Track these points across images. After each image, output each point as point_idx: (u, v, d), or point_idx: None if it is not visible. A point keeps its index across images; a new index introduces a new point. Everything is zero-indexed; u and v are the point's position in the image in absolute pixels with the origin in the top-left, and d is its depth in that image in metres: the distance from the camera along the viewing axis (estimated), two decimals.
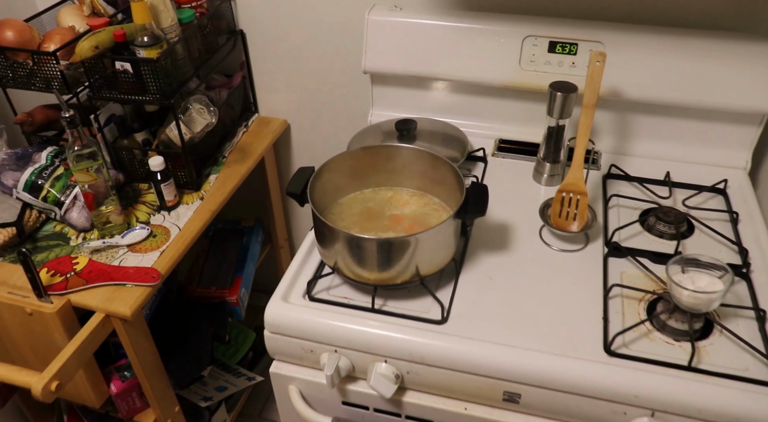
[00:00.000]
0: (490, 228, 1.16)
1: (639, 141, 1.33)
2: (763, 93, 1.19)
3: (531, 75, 1.29)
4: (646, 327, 0.96)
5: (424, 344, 0.95)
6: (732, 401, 0.85)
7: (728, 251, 1.10)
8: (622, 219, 1.17)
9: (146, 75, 1.27)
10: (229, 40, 1.57)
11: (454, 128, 1.36)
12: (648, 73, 1.23)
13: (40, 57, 1.29)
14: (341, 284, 1.06)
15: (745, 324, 0.96)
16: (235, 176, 1.51)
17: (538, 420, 0.96)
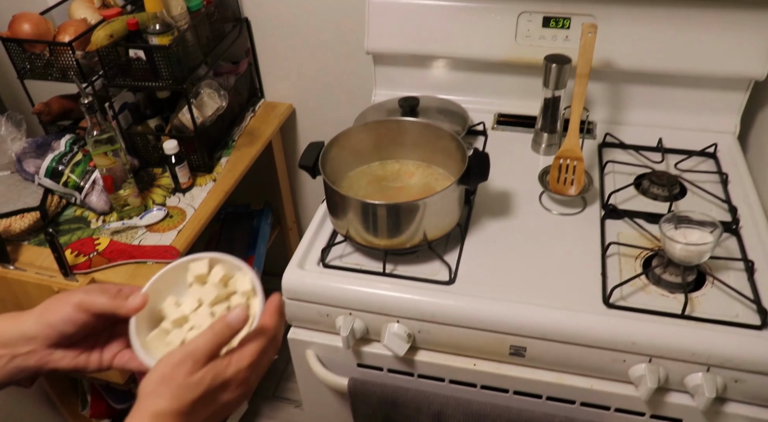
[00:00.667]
0: (492, 196, 1.21)
1: (632, 110, 1.39)
2: (749, 59, 1.25)
3: (527, 49, 1.35)
4: (642, 281, 1.02)
5: (434, 303, 1.01)
6: (723, 344, 0.91)
7: (719, 210, 1.15)
8: (617, 183, 1.22)
9: (159, 61, 1.32)
10: (235, 27, 1.63)
11: (455, 104, 1.41)
12: (638, 43, 1.29)
13: (56, 48, 1.35)
14: (353, 252, 1.12)
15: (735, 275, 1.02)
16: (245, 158, 1.56)
17: (544, 372, 1.02)
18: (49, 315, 0.64)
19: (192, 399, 0.57)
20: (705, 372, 0.93)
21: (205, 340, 0.59)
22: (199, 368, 0.58)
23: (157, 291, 0.68)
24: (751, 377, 0.91)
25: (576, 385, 1.00)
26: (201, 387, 0.57)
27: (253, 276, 0.66)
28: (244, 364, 0.60)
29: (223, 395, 0.59)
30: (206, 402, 0.58)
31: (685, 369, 0.94)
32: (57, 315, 0.63)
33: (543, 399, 1.03)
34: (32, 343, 0.63)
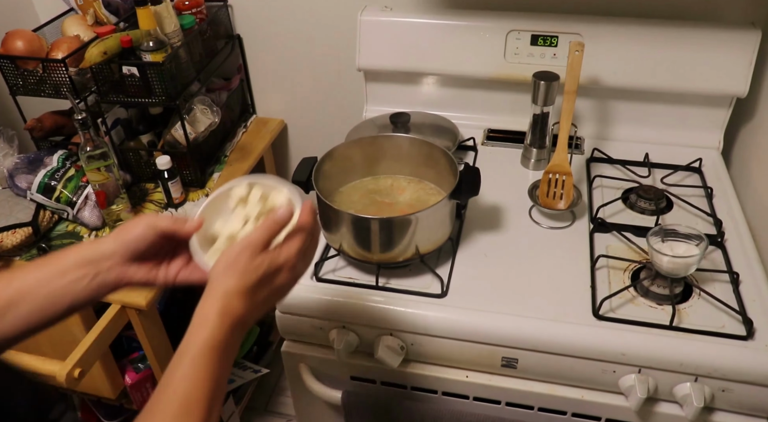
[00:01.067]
0: (482, 210, 1.23)
1: (619, 126, 1.42)
2: (731, 77, 1.28)
3: (515, 67, 1.38)
4: (631, 293, 1.04)
5: (426, 316, 1.02)
6: (710, 354, 0.93)
7: (704, 223, 1.18)
8: (605, 197, 1.24)
9: (152, 78, 1.34)
10: (227, 44, 1.65)
11: (445, 120, 1.44)
12: (624, 61, 1.32)
13: (49, 64, 1.36)
14: (346, 265, 1.13)
15: (721, 286, 1.04)
16: (237, 174, 1.58)
17: (535, 384, 1.03)
18: (124, 234, 0.74)
19: (254, 279, 0.68)
20: (693, 382, 0.94)
21: (258, 234, 0.70)
22: (257, 255, 0.69)
23: (207, 218, 0.77)
24: (738, 386, 0.93)
25: (567, 396, 1.01)
26: (260, 269, 0.68)
27: (288, 190, 0.76)
28: (293, 251, 0.71)
29: (277, 278, 0.70)
30: (264, 284, 0.69)
31: (674, 380, 0.95)
32: (131, 234, 0.74)
33: (535, 410, 1.05)
34: (111, 260, 0.73)
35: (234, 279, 0.67)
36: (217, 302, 0.66)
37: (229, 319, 0.65)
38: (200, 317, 0.65)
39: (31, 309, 0.69)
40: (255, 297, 0.68)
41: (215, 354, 0.63)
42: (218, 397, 0.63)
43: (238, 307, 0.66)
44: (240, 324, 0.67)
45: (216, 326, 0.64)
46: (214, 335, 0.64)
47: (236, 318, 0.66)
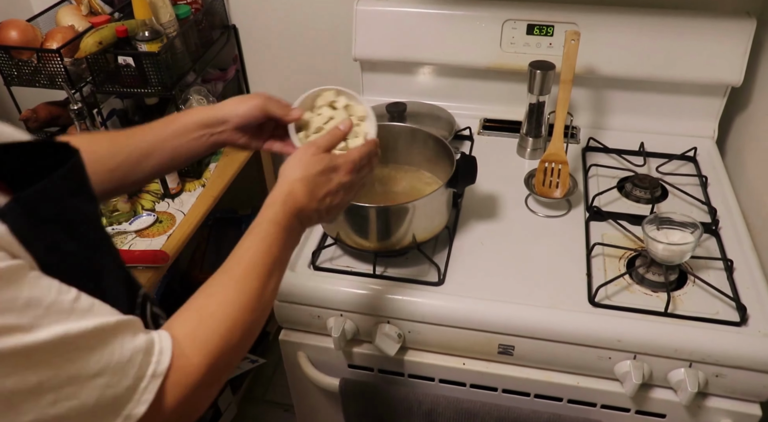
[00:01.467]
0: (479, 199, 1.24)
1: (614, 115, 1.42)
2: (726, 66, 1.29)
3: (511, 56, 1.38)
4: (626, 281, 1.05)
5: (424, 304, 1.03)
6: (704, 340, 0.94)
7: (699, 211, 1.19)
8: (601, 186, 1.25)
9: (148, 68, 1.33)
10: (223, 34, 1.64)
11: (442, 109, 1.44)
12: (620, 50, 1.32)
13: (44, 54, 1.35)
14: (343, 254, 1.14)
15: (715, 274, 1.05)
16: (234, 164, 1.58)
17: (531, 370, 1.04)
18: (238, 108, 0.86)
19: (314, 172, 0.78)
20: (687, 368, 0.95)
21: (323, 137, 0.83)
22: (320, 152, 0.80)
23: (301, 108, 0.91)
24: (732, 372, 0.94)
25: (563, 383, 1.02)
26: (321, 163, 0.79)
27: (367, 107, 0.92)
28: (350, 158, 0.81)
29: (334, 177, 0.79)
30: (323, 178, 0.78)
31: (669, 366, 0.96)
32: (245, 108, 0.86)
33: (531, 396, 1.06)
34: (224, 126, 0.86)
35: (299, 170, 0.77)
36: (284, 188, 0.76)
37: (292, 202, 0.75)
38: (269, 200, 0.75)
39: (160, 160, 0.85)
40: (315, 190, 0.77)
41: (278, 230, 0.72)
42: (277, 270, 0.72)
43: (300, 194, 0.76)
44: (300, 211, 0.76)
45: (279, 207, 0.74)
46: (277, 214, 0.73)
47: (298, 203, 0.76)
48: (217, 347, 0.61)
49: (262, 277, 0.69)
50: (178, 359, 0.57)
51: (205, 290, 0.66)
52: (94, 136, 0.89)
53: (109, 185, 0.83)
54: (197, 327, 0.62)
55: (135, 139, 0.85)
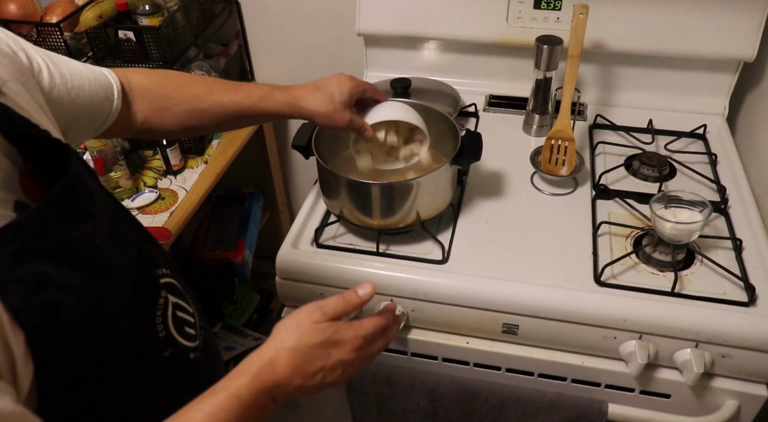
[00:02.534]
0: (484, 177, 1.22)
1: (622, 91, 1.40)
2: (738, 40, 1.26)
3: (518, 31, 1.35)
4: (633, 260, 1.03)
5: (428, 282, 1.01)
6: (711, 320, 0.93)
7: (708, 190, 1.17)
8: (608, 164, 1.23)
9: (148, 42, 1.32)
10: (225, 8, 1.62)
11: (447, 85, 1.42)
12: (628, 24, 1.29)
13: (44, 29, 1.33)
14: (346, 232, 1.12)
15: (724, 253, 1.04)
16: (236, 141, 1.56)
17: (536, 350, 1.04)
18: (325, 117, 0.93)
19: (312, 342, 0.65)
20: (693, 348, 0.94)
21: (335, 301, 0.70)
22: (324, 320, 0.67)
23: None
24: (738, 352, 0.93)
25: (567, 362, 1.02)
26: (322, 334, 0.66)
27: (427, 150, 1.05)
28: (361, 333, 0.68)
29: (335, 352, 0.66)
30: (322, 350, 0.65)
31: (674, 346, 0.95)
32: (329, 120, 0.94)
33: (535, 376, 1.05)
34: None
35: (292, 336, 0.65)
36: (266, 354, 0.63)
37: (268, 376, 0.61)
38: (242, 365, 0.62)
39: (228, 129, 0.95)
40: (305, 365, 0.64)
41: (237, 405, 0.58)
42: None
43: (283, 367, 0.62)
44: (275, 387, 0.62)
45: (249, 379, 0.60)
46: (241, 387, 0.59)
47: (276, 377, 0.62)
48: None
49: None
50: None
51: None
52: (174, 82, 0.88)
53: (174, 131, 0.88)
54: None
55: (215, 107, 0.88)
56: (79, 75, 0.73)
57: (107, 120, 0.78)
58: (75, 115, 0.72)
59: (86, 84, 0.73)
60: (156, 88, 0.84)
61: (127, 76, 0.82)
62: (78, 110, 0.73)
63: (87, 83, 0.73)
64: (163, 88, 0.85)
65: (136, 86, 0.83)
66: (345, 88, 0.94)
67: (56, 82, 0.69)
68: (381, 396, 1.12)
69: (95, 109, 0.76)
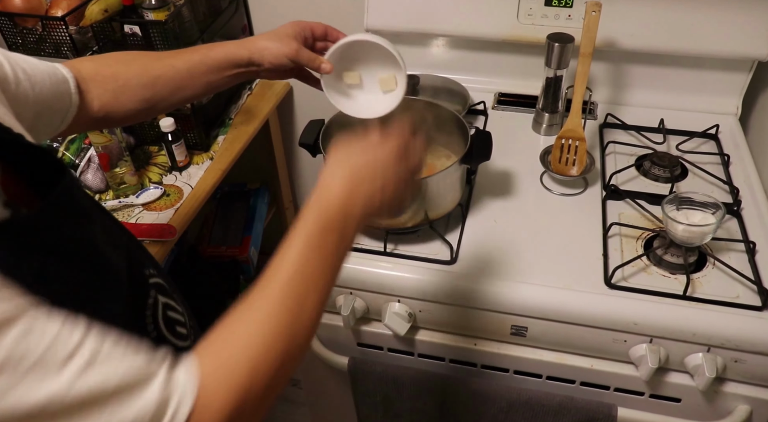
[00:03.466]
0: (493, 176, 1.21)
1: (634, 90, 1.38)
2: (752, 39, 1.24)
3: (528, 28, 1.34)
4: (644, 262, 1.02)
5: (435, 283, 1.00)
6: (724, 324, 0.92)
7: (720, 191, 1.15)
8: (618, 164, 1.22)
9: (154, 37, 1.30)
10: (231, 3, 1.60)
11: (455, 83, 1.40)
12: (641, 22, 1.27)
13: (49, 22, 1.32)
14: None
15: (736, 256, 1.02)
16: (242, 137, 1.55)
17: (544, 352, 1.02)
18: (271, 53, 0.89)
19: (356, 164, 0.67)
20: (705, 353, 0.93)
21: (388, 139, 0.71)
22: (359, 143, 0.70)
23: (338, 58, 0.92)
24: (751, 357, 0.92)
25: (576, 365, 1.00)
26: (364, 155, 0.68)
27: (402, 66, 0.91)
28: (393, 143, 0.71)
29: (380, 166, 0.68)
30: (367, 169, 0.67)
31: (686, 350, 0.94)
32: (275, 56, 0.89)
33: (543, 378, 1.04)
34: (257, 67, 0.90)
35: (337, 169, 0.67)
36: (317, 194, 0.65)
37: (326, 201, 0.64)
38: (304, 213, 0.63)
39: (192, 93, 0.88)
40: (356, 186, 0.65)
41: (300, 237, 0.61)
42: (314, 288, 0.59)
43: (337, 197, 0.64)
44: (341, 219, 0.63)
45: (312, 211, 0.63)
46: (307, 221, 0.62)
47: (335, 209, 0.63)
48: (242, 386, 0.52)
49: (295, 298, 0.58)
50: (199, 407, 0.49)
51: (236, 315, 0.57)
52: (121, 59, 0.86)
53: (134, 110, 0.83)
54: (221, 363, 0.53)
55: (167, 70, 0.84)
56: (39, 69, 0.71)
57: (68, 115, 0.76)
58: (39, 111, 0.71)
59: (46, 79, 0.71)
60: (105, 69, 0.82)
61: (76, 66, 0.79)
62: (42, 106, 0.71)
63: (47, 78, 0.71)
64: (112, 67, 0.83)
65: (86, 73, 0.80)
66: (288, 25, 0.93)
67: (20, 78, 0.67)
68: (387, 396, 1.11)
69: (56, 104, 0.74)
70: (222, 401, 0.50)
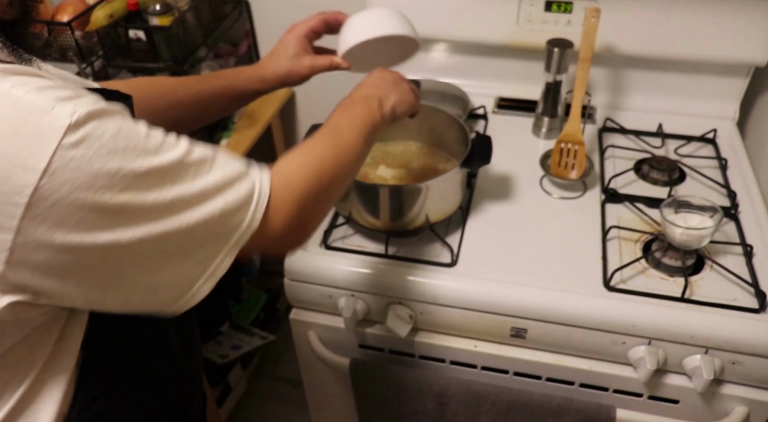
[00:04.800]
0: (493, 179, 1.22)
1: (632, 95, 1.39)
2: (750, 45, 1.25)
3: (528, 34, 1.35)
4: (642, 265, 1.03)
5: (436, 285, 1.01)
6: (721, 326, 0.93)
7: (718, 195, 1.16)
8: (617, 168, 1.23)
9: (159, 42, 1.32)
10: (235, 9, 1.62)
11: (456, 88, 1.41)
12: (640, 28, 1.29)
13: (55, 27, 1.34)
14: (354, 234, 1.12)
15: (734, 259, 1.03)
16: (245, 140, 1.56)
17: (544, 354, 1.03)
18: (273, 72, 0.97)
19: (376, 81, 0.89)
20: (703, 355, 0.94)
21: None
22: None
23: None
24: (749, 359, 0.93)
25: (575, 367, 1.01)
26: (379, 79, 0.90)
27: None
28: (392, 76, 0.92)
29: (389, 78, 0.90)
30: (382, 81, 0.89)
31: (684, 352, 0.95)
32: (289, 73, 0.97)
33: (542, 380, 1.05)
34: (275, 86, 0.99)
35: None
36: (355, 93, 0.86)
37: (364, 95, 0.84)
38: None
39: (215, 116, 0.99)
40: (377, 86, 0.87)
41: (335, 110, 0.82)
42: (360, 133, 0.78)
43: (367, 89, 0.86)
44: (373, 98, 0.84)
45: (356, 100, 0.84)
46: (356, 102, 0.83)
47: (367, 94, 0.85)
48: (303, 188, 0.67)
49: (333, 135, 0.76)
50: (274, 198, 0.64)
51: (295, 149, 0.72)
52: (150, 82, 0.94)
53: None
54: (286, 172, 0.68)
55: (192, 95, 0.92)
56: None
57: None
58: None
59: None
60: (135, 91, 0.85)
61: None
62: None
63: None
64: (142, 89, 0.87)
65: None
66: (290, 41, 0.97)
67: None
68: (388, 398, 1.12)
69: None
70: (289, 196, 0.66)
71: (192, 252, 0.58)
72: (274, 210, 0.64)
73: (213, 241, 0.59)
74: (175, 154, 0.56)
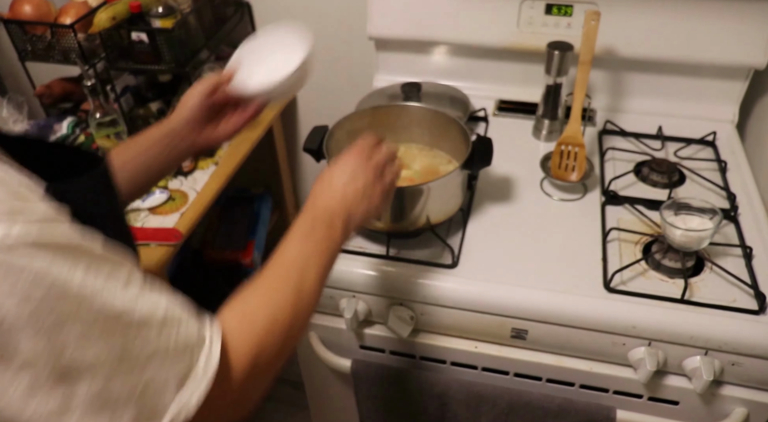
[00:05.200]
0: (493, 181, 1.22)
1: (632, 98, 1.40)
2: (749, 48, 1.26)
3: (529, 36, 1.36)
4: (642, 267, 1.03)
5: (437, 286, 1.02)
6: (721, 328, 0.93)
7: (717, 197, 1.17)
8: (617, 170, 1.23)
9: (161, 44, 1.33)
10: (237, 11, 1.63)
11: (457, 90, 1.42)
12: (639, 31, 1.30)
13: (58, 30, 1.34)
14: (356, 235, 1.13)
15: (733, 261, 1.04)
16: (246, 142, 1.57)
17: (544, 355, 1.04)
18: (182, 109, 0.88)
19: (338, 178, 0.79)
20: (703, 356, 0.94)
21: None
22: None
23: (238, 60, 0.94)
24: (748, 360, 0.93)
25: (575, 368, 1.02)
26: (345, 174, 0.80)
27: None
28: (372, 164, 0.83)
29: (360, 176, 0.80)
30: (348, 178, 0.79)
31: (684, 353, 0.95)
32: (187, 108, 0.88)
33: (543, 381, 1.05)
34: (181, 133, 0.88)
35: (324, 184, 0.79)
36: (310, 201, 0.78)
37: (315, 208, 0.77)
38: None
39: (132, 176, 0.86)
40: (338, 192, 0.78)
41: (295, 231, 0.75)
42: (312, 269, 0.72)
43: (323, 198, 0.78)
44: (328, 214, 0.76)
45: (305, 216, 0.77)
46: (304, 223, 0.76)
47: (322, 206, 0.77)
48: (260, 337, 0.62)
49: (297, 271, 0.71)
50: (228, 348, 0.58)
51: (249, 287, 0.67)
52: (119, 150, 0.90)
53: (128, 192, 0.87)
54: (241, 322, 0.62)
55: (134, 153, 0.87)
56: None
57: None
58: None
59: None
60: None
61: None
62: None
63: None
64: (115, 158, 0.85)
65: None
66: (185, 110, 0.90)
67: None
68: (389, 399, 1.12)
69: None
70: (245, 346, 0.60)
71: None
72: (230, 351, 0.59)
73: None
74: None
